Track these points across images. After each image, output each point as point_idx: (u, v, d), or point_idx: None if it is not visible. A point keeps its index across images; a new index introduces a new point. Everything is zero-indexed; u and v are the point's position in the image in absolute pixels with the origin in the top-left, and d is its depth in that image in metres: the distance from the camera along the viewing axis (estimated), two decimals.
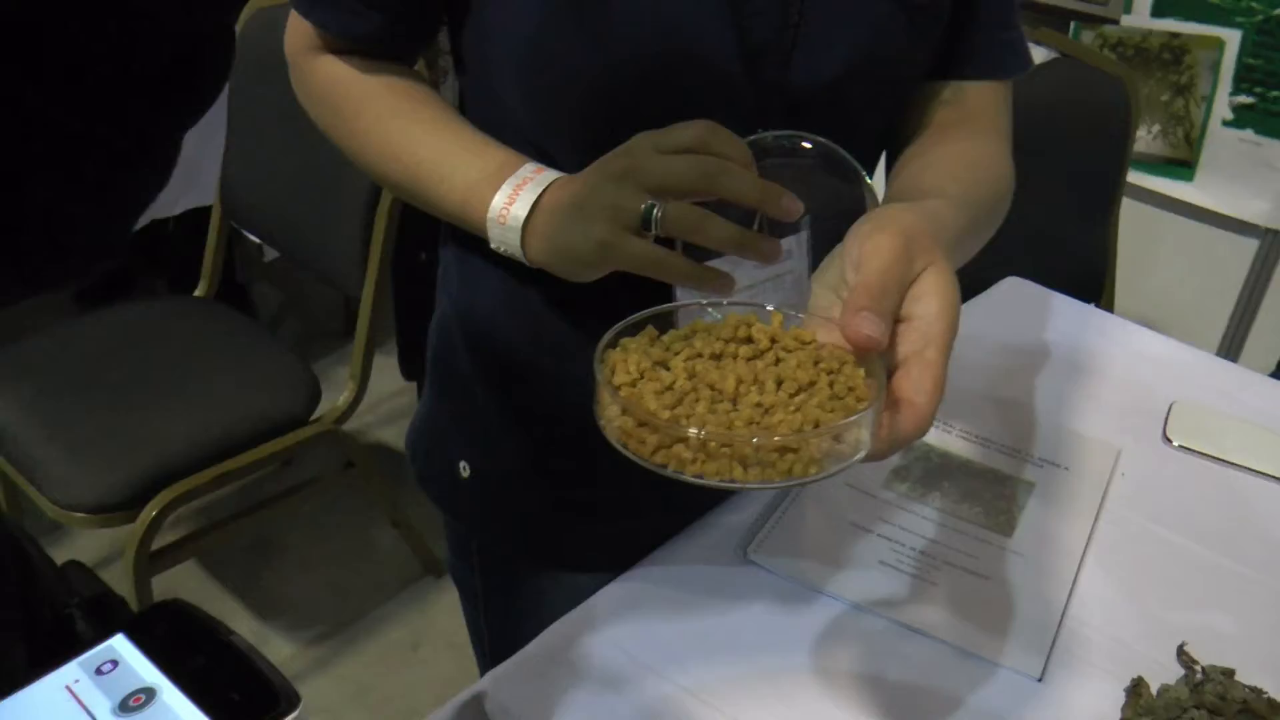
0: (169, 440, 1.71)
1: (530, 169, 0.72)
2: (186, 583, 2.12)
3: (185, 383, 1.84)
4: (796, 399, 0.53)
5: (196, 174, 2.22)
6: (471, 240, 0.83)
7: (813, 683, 0.76)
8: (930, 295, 0.57)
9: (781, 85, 0.74)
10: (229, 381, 1.86)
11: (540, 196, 0.70)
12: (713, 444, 0.49)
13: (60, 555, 0.63)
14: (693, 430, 0.49)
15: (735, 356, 0.56)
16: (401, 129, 0.79)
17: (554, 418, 0.88)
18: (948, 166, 0.78)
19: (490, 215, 0.72)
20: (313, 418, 1.84)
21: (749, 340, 0.57)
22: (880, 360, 0.55)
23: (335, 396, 1.90)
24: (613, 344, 0.56)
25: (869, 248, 0.58)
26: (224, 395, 1.82)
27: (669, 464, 0.50)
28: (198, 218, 2.22)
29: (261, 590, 2.16)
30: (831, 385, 0.54)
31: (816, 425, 0.51)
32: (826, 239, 0.68)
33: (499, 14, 0.74)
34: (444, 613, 2.12)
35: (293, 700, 0.42)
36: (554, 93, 0.74)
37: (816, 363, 0.55)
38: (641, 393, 0.52)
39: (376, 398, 2.53)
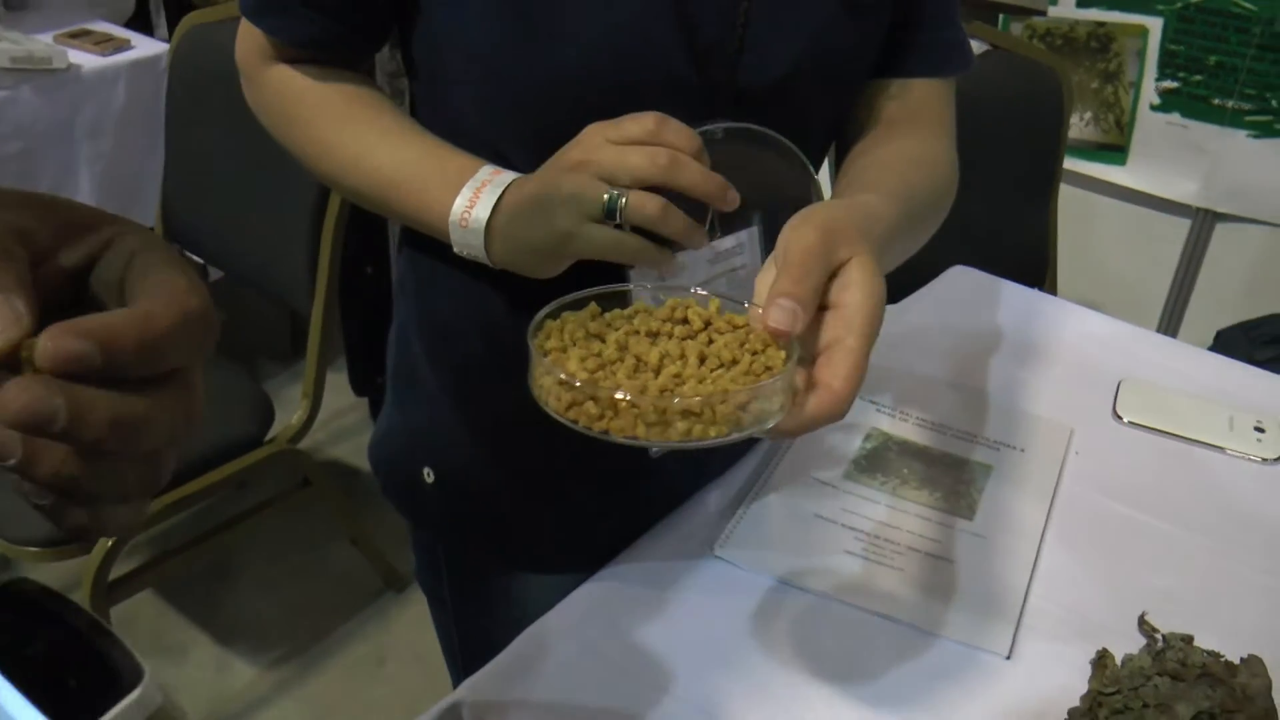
0: None
1: (488, 171, 0.73)
2: (143, 611, 2.09)
3: None
4: (714, 373, 0.56)
5: (135, 196, 2.19)
6: (429, 246, 0.84)
7: (788, 675, 0.77)
8: (854, 285, 0.59)
9: (730, 85, 0.75)
10: None
11: (500, 198, 0.71)
12: (622, 403, 0.53)
13: None
14: (577, 382, 0.54)
15: (670, 335, 0.59)
16: (357, 136, 0.79)
17: (516, 421, 0.87)
18: (890, 163, 0.80)
19: (452, 219, 0.73)
20: (267, 438, 1.83)
21: (685, 321, 0.60)
22: (796, 345, 0.57)
23: (287, 416, 1.88)
24: (553, 315, 0.60)
25: (793, 238, 0.60)
26: None
27: (579, 420, 0.54)
28: None
29: (221, 614, 2.13)
30: (751, 365, 0.56)
31: (726, 392, 0.54)
32: (776, 233, 0.69)
33: (449, 20, 0.74)
34: (408, 627, 2.11)
35: (136, 675, 0.40)
36: (506, 97, 0.74)
37: (742, 344, 0.58)
38: (567, 356, 0.56)
39: (328, 415, 2.50)
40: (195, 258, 2.23)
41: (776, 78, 0.76)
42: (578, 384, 0.54)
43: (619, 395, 0.53)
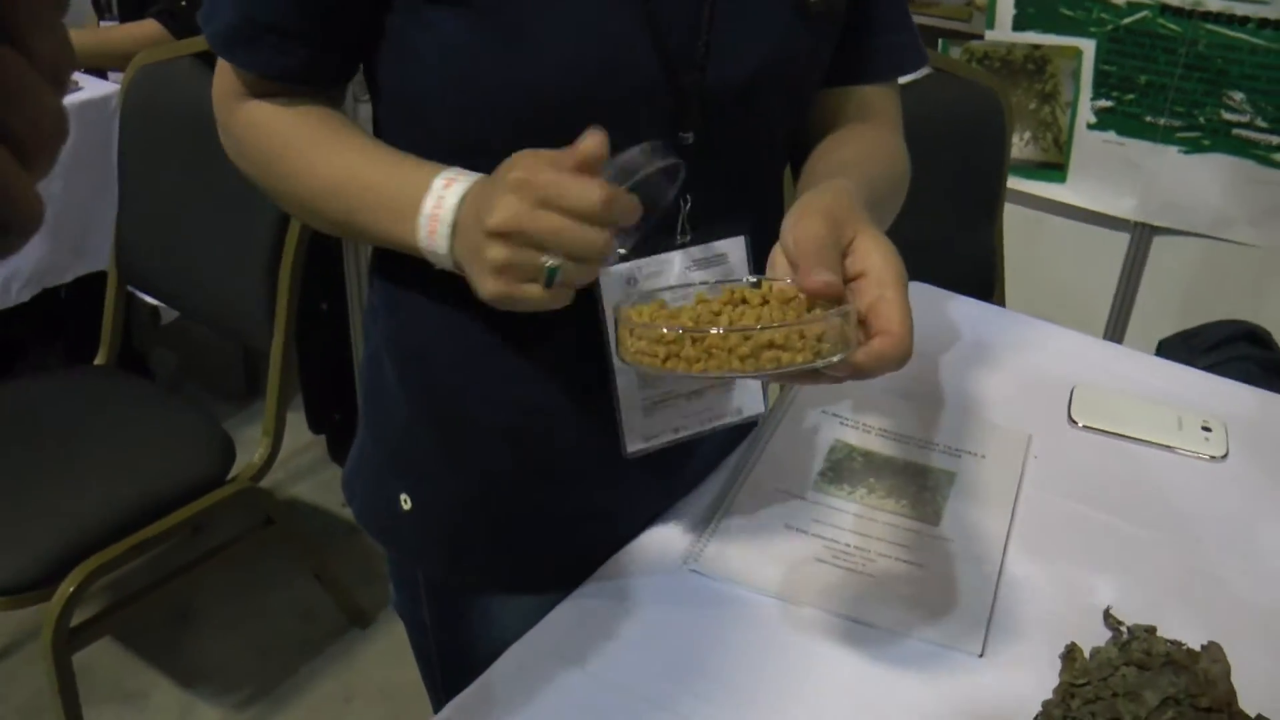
0: (81, 514, 1.66)
1: (453, 171, 0.73)
2: (104, 659, 2.06)
3: (94, 453, 1.79)
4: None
5: (88, 239, 2.17)
6: (402, 270, 0.84)
7: (768, 683, 0.78)
8: (870, 252, 0.65)
9: (699, 89, 0.76)
10: (140, 448, 1.82)
11: (464, 199, 0.71)
12: (715, 340, 0.60)
13: None
14: (680, 329, 0.60)
15: (728, 305, 0.65)
16: (326, 159, 0.79)
17: (493, 443, 0.89)
18: (851, 161, 0.84)
19: (420, 231, 0.72)
20: (229, 477, 1.81)
21: (744, 301, 0.66)
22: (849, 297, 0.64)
23: (247, 455, 1.87)
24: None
25: (799, 232, 0.65)
26: (136, 462, 1.78)
27: (678, 367, 0.60)
28: (91, 284, 2.17)
29: (184, 658, 2.10)
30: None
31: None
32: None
33: (420, 36, 0.74)
34: (374, 663, 2.09)
35: None
36: (481, 110, 0.75)
37: (792, 306, 0.64)
38: (654, 320, 0.63)
39: (286, 453, 2.48)
40: (149, 299, 2.22)
41: (742, 82, 0.78)
42: (680, 331, 0.60)
43: (714, 330, 0.59)
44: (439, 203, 0.72)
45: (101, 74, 2.34)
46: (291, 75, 0.79)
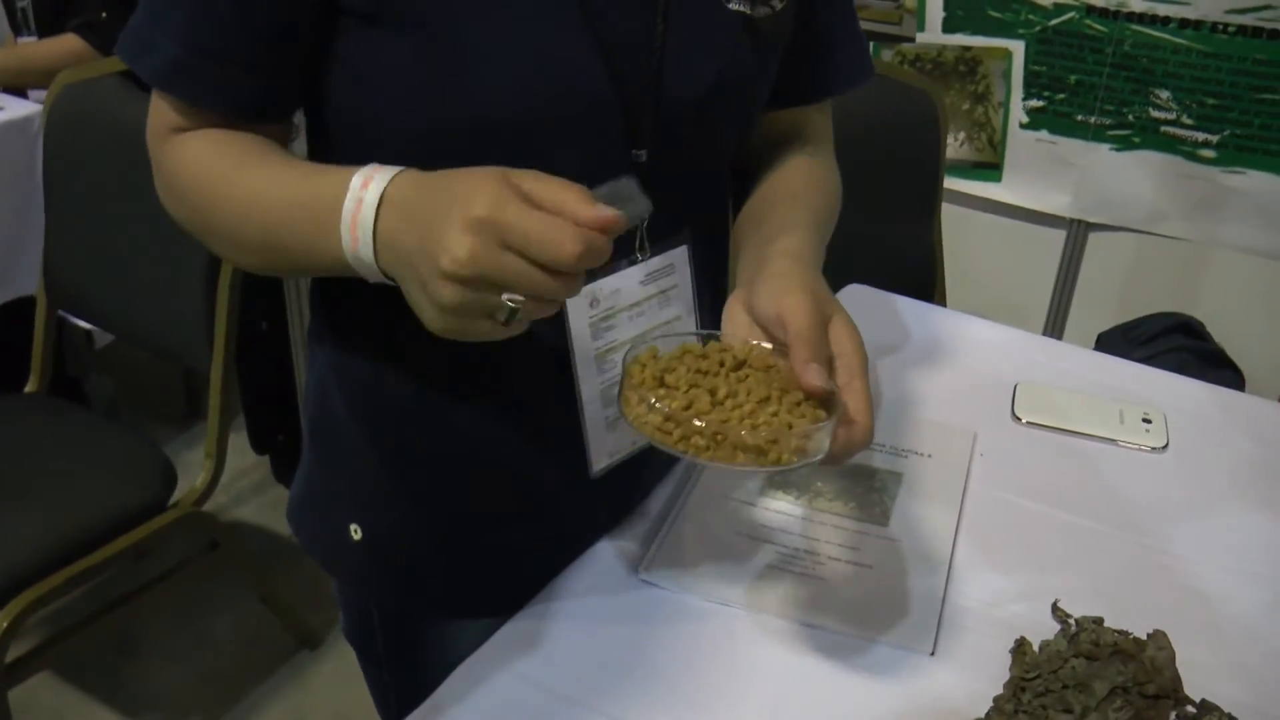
0: (15, 546, 1.60)
1: (370, 168, 0.66)
2: (42, 692, 2.00)
3: (28, 483, 1.74)
4: (768, 407, 0.67)
5: (15, 263, 2.12)
6: (342, 295, 0.83)
7: (721, 690, 0.77)
8: (843, 338, 0.71)
9: (651, 107, 0.76)
10: (76, 475, 1.77)
11: (386, 190, 0.64)
12: (719, 436, 0.64)
13: None
14: (700, 423, 0.64)
15: (719, 373, 0.70)
16: (244, 179, 0.73)
17: (448, 472, 0.87)
18: (797, 194, 0.88)
19: (344, 240, 0.66)
20: (171, 502, 1.77)
21: (721, 364, 0.71)
22: (837, 394, 0.70)
23: (189, 479, 1.83)
24: (632, 353, 0.71)
25: (788, 306, 0.70)
26: (73, 490, 1.73)
27: (689, 451, 0.64)
28: (18, 309, 2.11)
29: (127, 689, 2.05)
30: (783, 396, 0.69)
31: (791, 427, 0.66)
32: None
33: (369, 61, 0.72)
34: (325, 685, 2.06)
35: None
36: (429, 134, 0.72)
37: (771, 385, 0.70)
38: (663, 395, 0.67)
39: (229, 475, 2.44)
40: (82, 324, 2.17)
41: (696, 100, 0.78)
42: (700, 423, 0.64)
43: (744, 434, 0.64)
44: (358, 206, 0.65)
45: (21, 93, 2.29)
46: (240, 108, 0.74)
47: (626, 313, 0.69)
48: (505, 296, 0.59)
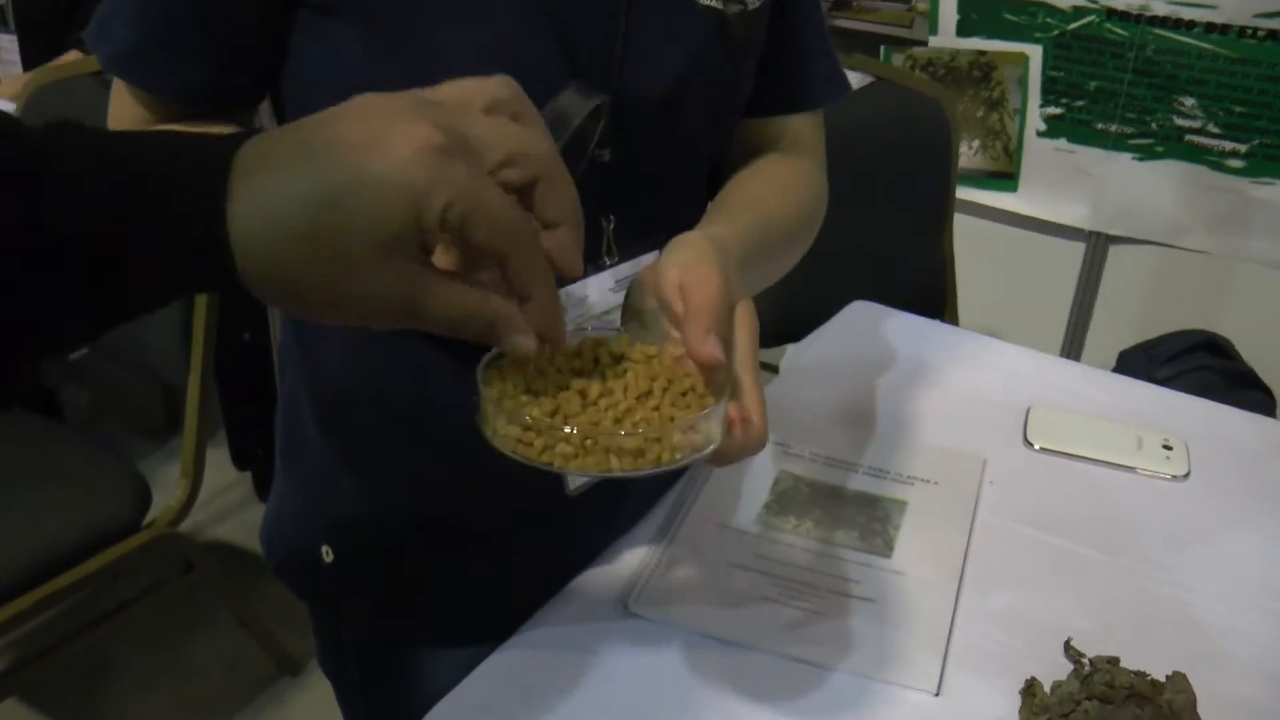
0: None
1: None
2: None
3: None
4: (649, 401, 0.60)
5: None
6: None
7: None
8: (744, 328, 0.64)
9: (614, 104, 0.74)
10: (47, 494, 1.71)
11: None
12: (589, 440, 0.57)
13: None
14: (567, 428, 0.57)
15: (593, 372, 0.62)
16: None
17: (421, 492, 0.85)
18: (758, 198, 0.83)
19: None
20: (145, 522, 1.71)
21: (597, 360, 0.63)
22: (729, 375, 0.62)
23: (166, 497, 1.77)
24: (490, 364, 0.61)
25: (696, 277, 0.62)
26: (41, 510, 1.67)
27: (554, 461, 0.57)
28: None
29: (99, 717, 2.00)
30: (668, 388, 0.61)
31: (674, 420, 0.59)
32: None
33: (326, 56, 0.72)
34: (305, 711, 2.01)
35: None
36: None
37: (653, 378, 0.62)
38: (524, 403, 0.59)
39: (209, 493, 2.38)
40: None
41: (658, 98, 0.76)
42: (569, 430, 0.57)
43: (622, 434, 0.57)
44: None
45: None
46: (195, 95, 0.74)
47: (596, 321, 0.65)
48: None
